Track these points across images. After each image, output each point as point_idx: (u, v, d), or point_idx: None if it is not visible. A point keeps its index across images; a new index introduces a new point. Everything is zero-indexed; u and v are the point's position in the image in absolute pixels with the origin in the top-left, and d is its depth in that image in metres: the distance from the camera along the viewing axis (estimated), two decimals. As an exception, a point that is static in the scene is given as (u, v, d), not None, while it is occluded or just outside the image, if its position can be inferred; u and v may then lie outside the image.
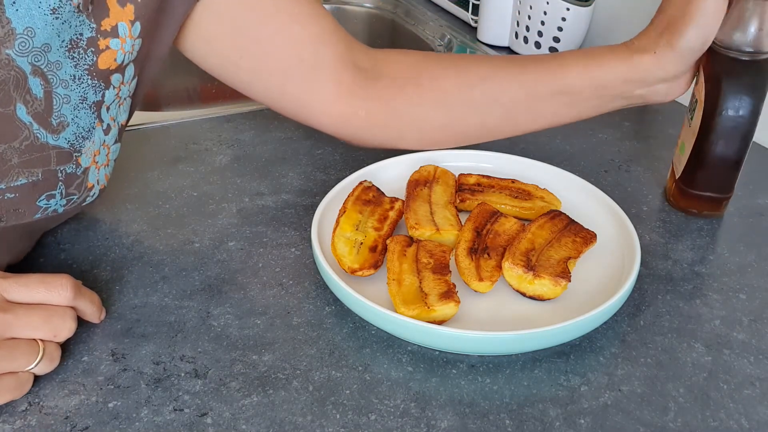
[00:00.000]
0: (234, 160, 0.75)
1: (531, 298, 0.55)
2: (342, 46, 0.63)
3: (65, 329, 0.47)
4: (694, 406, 0.48)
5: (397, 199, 0.63)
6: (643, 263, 0.59)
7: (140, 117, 0.83)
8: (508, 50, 1.07)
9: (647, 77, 0.61)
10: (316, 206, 0.61)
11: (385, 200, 0.63)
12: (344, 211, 0.60)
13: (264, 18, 0.60)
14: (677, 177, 0.66)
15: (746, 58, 0.59)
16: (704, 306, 0.56)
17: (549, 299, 0.54)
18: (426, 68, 0.66)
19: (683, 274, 0.60)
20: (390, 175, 0.67)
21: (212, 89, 1.19)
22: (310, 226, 0.59)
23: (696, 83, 0.63)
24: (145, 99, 0.62)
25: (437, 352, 0.51)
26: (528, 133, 0.68)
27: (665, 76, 0.61)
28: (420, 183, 0.65)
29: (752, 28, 0.59)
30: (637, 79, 0.61)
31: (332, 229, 0.59)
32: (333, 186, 0.64)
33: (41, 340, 0.46)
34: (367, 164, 0.68)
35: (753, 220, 0.67)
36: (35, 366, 0.45)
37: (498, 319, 0.53)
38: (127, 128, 0.79)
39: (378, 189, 0.64)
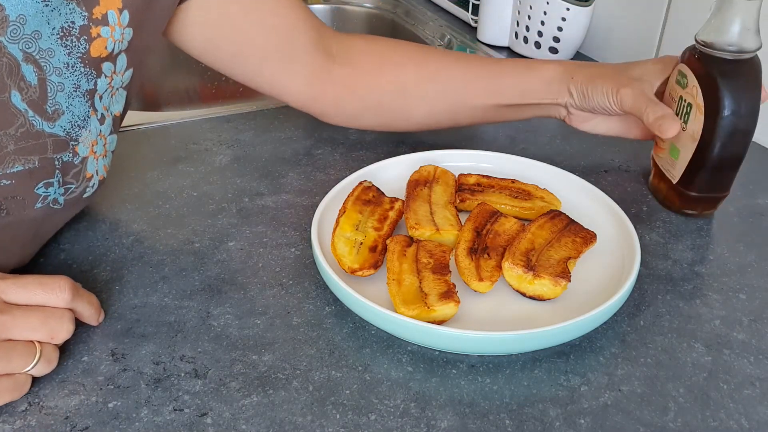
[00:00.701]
0: (234, 160, 0.75)
1: (531, 298, 0.55)
2: (314, 34, 0.69)
3: (63, 331, 0.47)
4: (694, 406, 0.48)
5: (397, 199, 0.63)
6: (643, 263, 0.59)
7: (140, 117, 0.83)
8: (508, 50, 1.07)
9: (549, 95, 0.69)
10: (316, 206, 0.61)
11: (385, 200, 0.63)
12: (344, 211, 0.60)
13: (246, 8, 0.64)
14: (675, 181, 0.66)
15: (741, 57, 0.60)
16: (704, 306, 0.56)
17: (549, 299, 0.54)
18: (388, 58, 0.72)
19: (683, 274, 0.60)
20: (390, 175, 0.67)
21: (212, 89, 1.19)
22: (310, 226, 0.59)
23: (684, 87, 0.63)
24: (145, 99, 0.62)
25: (437, 352, 0.51)
26: (467, 126, 0.76)
27: (555, 100, 0.69)
28: (420, 183, 0.65)
29: (739, 27, 0.59)
30: (541, 94, 0.69)
31: (332, 229, 0.59)
32: (333, 186, 0.64)
33: (39, 341, 0.46)
34: (367, 164, 0.68)
35: (753, 220, 0.67)
36: (32, 368, 0.45)
37: (498, 319, 0.53)
38: (127, 128, 0.80)
39: (378, 189, 0.64)
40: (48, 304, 0.46)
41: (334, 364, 0.50)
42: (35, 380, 0.47)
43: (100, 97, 0.54)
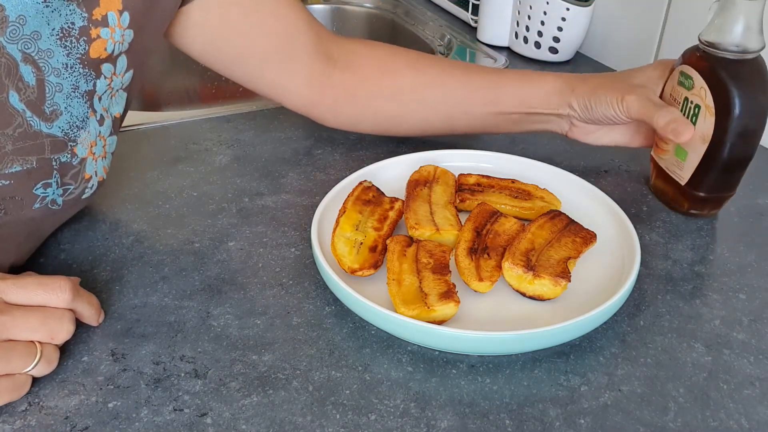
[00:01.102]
0: (234, 160, 0.75)
1: (531, 298, 0.55)
2: (314, 36, 0.69)
3: (63, 331, 0.47)
4: (694, 406, 0.48)
5: (397, 199, 0.63)
6: (643, 263, 0.59)
7: (140, 117, 0.83)
8: (508, 50, 1.07)
9: (549, 107, 0.69)
10: (316, 206, 0.61)
11: (385, 200, 0.63)
12: (344, 211, 0.60)
13: (246, 10, 0.64)
14: (684, 182, 0.65)
15: (745, 57, 0.60)
16: (704, 306, 0.56)
17: (549, 299, 0.54)
18: (388, 65, 0.72)
19: (683, 274, 0.60)
20: (390, 175, 0.67)
21: (212, 89, 1.19)
22: (310, 226, 0.59)
23: (690, 89, 0.63)
24: (145, 99, 0.62)
25: (437, 352, 0.51)
26: (465, 134, 0.76)
27: (556, 111, 0.69)
28: (420, 183, 0.65)
29: (743, 27, 0.59)
30: (541, 105, 0.69)
31: (332, 229, 0.59)
32: (333, 186, 0.64)
33: (39, 342, 0.46)
34: (367, 164, 0.68)
35: (753, 220, 0.67)
36: (32, 368, 0.45)
37: (498, 319, 0.53)
38: (127, 128, 0.80)
39: (378, 189, 0.64)
40: (48, 305, 0.46)
41: (334, 364, 0.50)
42: (35, 380, 0.47)
43: (99, 98, 0.54)
